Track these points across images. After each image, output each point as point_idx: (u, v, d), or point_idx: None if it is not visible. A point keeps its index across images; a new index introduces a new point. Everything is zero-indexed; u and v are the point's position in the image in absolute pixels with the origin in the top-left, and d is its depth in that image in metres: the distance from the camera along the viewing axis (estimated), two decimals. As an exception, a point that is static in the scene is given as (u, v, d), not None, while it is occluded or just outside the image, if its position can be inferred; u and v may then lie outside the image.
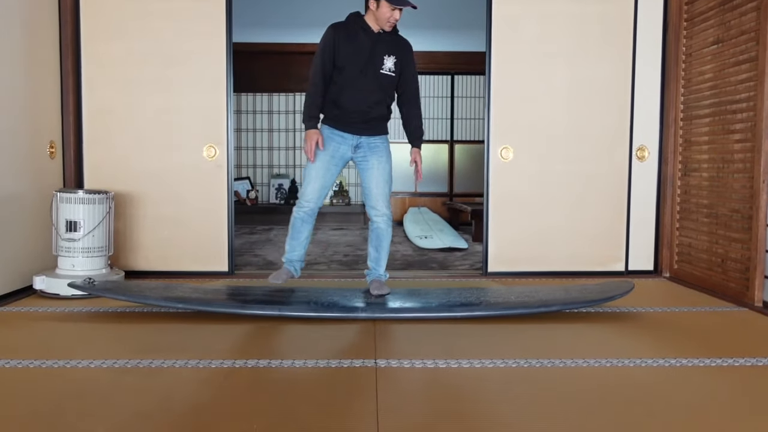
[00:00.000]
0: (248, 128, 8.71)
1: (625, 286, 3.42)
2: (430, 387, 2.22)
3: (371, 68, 3.34)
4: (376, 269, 3.56)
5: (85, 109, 4.25)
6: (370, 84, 3.35)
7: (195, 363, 2.45)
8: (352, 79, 3.33)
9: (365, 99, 3.36)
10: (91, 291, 3.33)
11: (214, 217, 4.36)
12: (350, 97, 3.35)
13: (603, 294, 3.30)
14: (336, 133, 3.42)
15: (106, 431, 1.83)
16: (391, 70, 3.38)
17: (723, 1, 3.82)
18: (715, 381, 2.30)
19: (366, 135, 3.43)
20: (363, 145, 3.44)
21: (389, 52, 3.38)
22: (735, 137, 3.70)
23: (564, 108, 4.40)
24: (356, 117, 3.38)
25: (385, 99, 3.42)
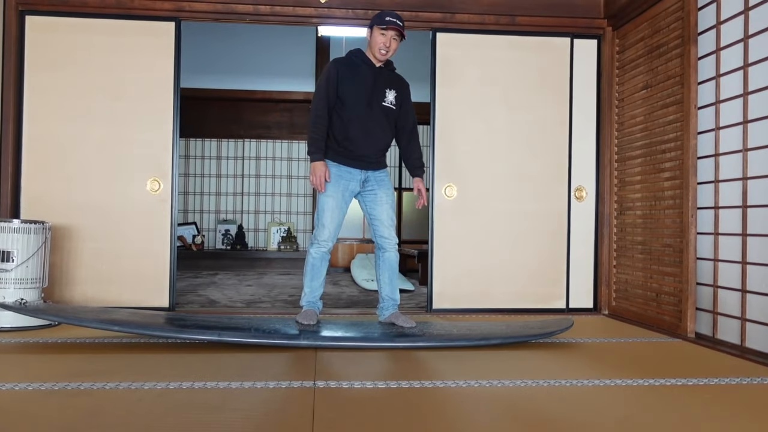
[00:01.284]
0: (196, 173, 8.66)
1: (565, 322, 3.49)
2: (367, 404, 2.20)
3: (375, 101, 3.44)
4: (394, 299, 3.57)
5: (26, 139, 4.18)
6: (377, 116, 3.45)
7: (127, 385, 2.37)
8: (359, 111, 3.41)
9: (374, 130, 3.45)
10: (22, 312, 3.20)
11: (156, 252, 4.28)
12: (359, 129, 3.41)
13: (543, 329, 3.37)
14: (344, 170, 3.46)
15: (26, 443, 1.75)
16: (392, 104, 3.50)
17: (651, 49, 4.06)
18: (646, 398, 2.35)
19: (372, 169, 3.51)
20: (371, 179, 3.51)
21: (390, 86, 3.51)
22: (665, 175, 3.88)
23: (505, 149, 4.55)
24: (366, 150, 3.45)
25: (390, 131, 3.54)
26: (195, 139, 8.60)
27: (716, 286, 3.47)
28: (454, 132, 4.51)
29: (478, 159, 4.52)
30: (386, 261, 3.56)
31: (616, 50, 4.52)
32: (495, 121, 4.55)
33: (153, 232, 4.28)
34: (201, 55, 7.68)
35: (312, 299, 3.54)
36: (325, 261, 3.53)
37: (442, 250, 4.49)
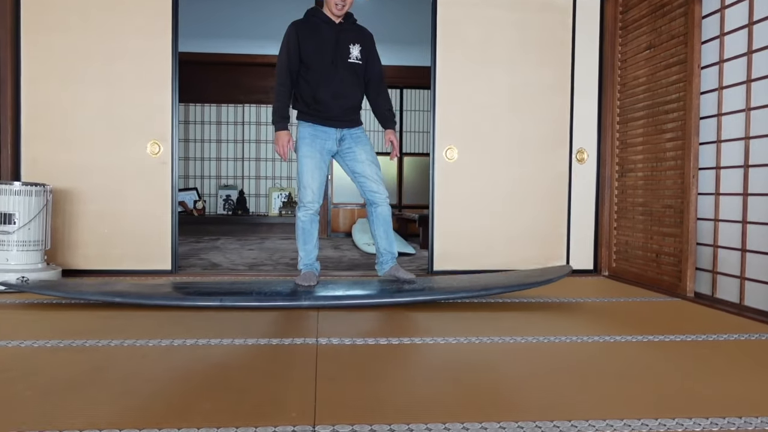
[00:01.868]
0: (196, 138, 8.63)
1: (564, 269, 3.51)
2: (368, 359, 2.23)
3: (340, 59, 3.40)
4: (392, 252, 3.60)
5: (24, 102, 4.15)
6: (343, 74, 3.40)
7: (131, 342, 2.40)
8: (325, 72, 3.37)
9: (342, 89, 3.41)
10: (24, 290, 3.22)
11: (158, 214, 4.29)
12: (327, 91, 3.38)
13: (542, 277, 3.38)
14: (319, 130, 3.44)
15: (34, 395, 1.77)
16: (358, 59, 3.45)
17: (655, 8, 4.00)
18: (646, 353, 2.37)
19: (347, 127, 3.48)
20: (346, 137, 3.48)
21: (353, 41, 3.45)
22: (667, 136, 3.86)
23: (506, 111, 4.52)
24: (336, 109, 3.41)
25: (358, 86, 3.48)
26: (195, 105, 8.55)
27: (716, 245, 3.48)
28: (455, 94, 4.48)
29: (479, 121, 4.50)
30: (379, 216, 3.55)
31: (619, 10, 4.46)
32: (496, 83, 4.51)
33: (154, 195, 4.29)
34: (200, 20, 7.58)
35: (308, 261, 3.55)
36: (314, 223, 3.51)
37: (442, 212, 4.49)
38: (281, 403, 1.73)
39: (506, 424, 1.58)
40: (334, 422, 1.59)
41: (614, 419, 1.63)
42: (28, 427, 1.52)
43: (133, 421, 1.58)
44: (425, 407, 1.71)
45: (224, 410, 1.67)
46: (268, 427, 1.55)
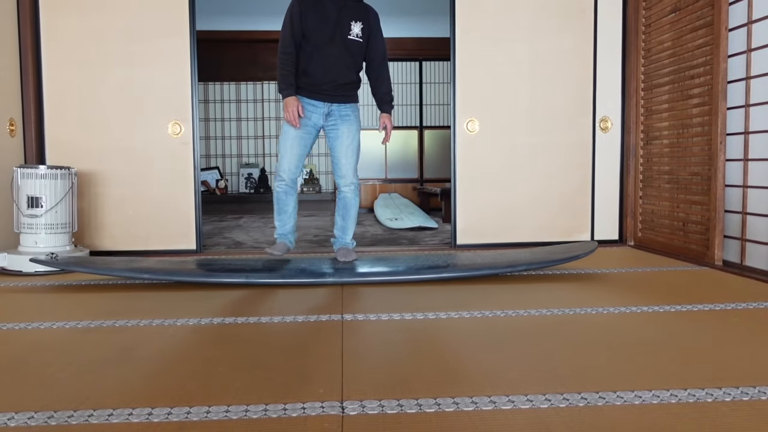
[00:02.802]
0: (216, 117, 8.65)
1: (589, 245, 3.48)
2: (393, 335, 2.23)
3: (338, 35, 3.34)
4: (343, 237, 3.58)
5: (46, 85, 4.19)
6: (339, 50, 3.35)
7: (160, 321, 2.43)
8: (321, 46, 3.33)
9: (335, 65, 3.36)
10: (54, 266, 3.28)
11: (181, 195, 4.32)
12: (319, 64, 3.34)
13: (568, 253, 3.35)
14: (307, 102, 3.42)
15: (67, 375, 1.81)
16: (358, 36, 3.39)
17: (679, -30, 3.90)
18: (673, 323, 2.35)
19: (337, 102, 3.44)
20: (334, 113, 3.44)
21: (355, 18, 3.38)
22: (693, 102, 3.78)
23: (527, 80, 4.45)
24: (326, 84, 3.38)
25: (354, 65, 3.42)
26: (214, 83, 8.56)
27: (745, 212, 3.42)
28: (475, 65, 4.42)
29: (500, 92, 4.44)
30: (342, 200, 3.54)
31: (642, -27, 4.35)
32: (517, 52, 4.44)
33: (177, 175, 4.31)
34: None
35: (282, 232, 3.56)
36: (290, 195, 3.50)
37: (465, 185, 4.47)
38: (309, 380, 1.74)
39: (533, 397, 1.58)
40: (362, 398, 1.60)
41: (642, 390, 1.62)
42: (63, 407, 1.55)
43: (165, 399, 1.60)
44: (452, 381, 1.71)
45: (253, 388, 1.68)
46: (296, 404, 1.56)
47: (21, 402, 1.59)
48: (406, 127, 8.68)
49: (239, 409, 1.53)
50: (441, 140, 8.63)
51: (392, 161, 8.65)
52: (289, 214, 3.53)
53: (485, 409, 1.52)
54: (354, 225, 3.59)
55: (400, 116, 8.69)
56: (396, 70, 8.60)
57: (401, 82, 8.63)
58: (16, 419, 1.48)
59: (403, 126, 8.69)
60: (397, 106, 8.65)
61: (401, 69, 8.62)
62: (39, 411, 1.53)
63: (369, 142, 8.60)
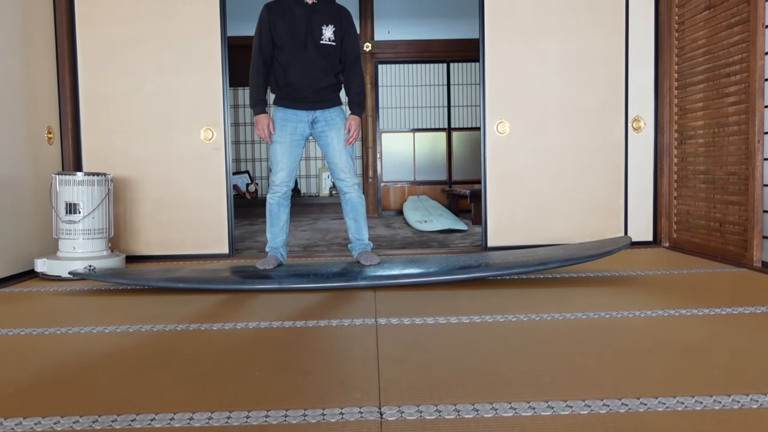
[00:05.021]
0: (246, 122, 8.73)
1: (623, 240, 3.44)
2: (428, 338, 2.23)
3: (311, 40, 3.35)
4: (360, 239, 3.60)
5: (82, 93, 4.28)
6: (313, 56, 3.36)
7: (196, 326, 2.46)
8: (295, 54, 3.35)
9: (312, 70, 3.37)
10: (92, 278, 3.33)
11: (214, 200, 4.38)
12: (296, 72, 3.36)
13: (600, 249, 3.30)
14: (290, 113, 3.44)
15: (108, 380, 1.84)
16: (331, 40, 3.39)
17: (713, -34, 3.83)
18: (714, 327, 2.31)
19: (320, 109, 3.46)
20: (320, 119, 3.46)
21: (327, 21, 3.38)
22: (729, 100, 3.71)
23: (558, 81, 4.42)
24: (306, 91, 3.39)
25: (331, 68, 3.42)
26: (244, 88, 8.63)
27: (785, 213, 3.35)
28: (505, 66, 4.40)
29: (530, 93, 4.41)
30: (348, 203, 3.55)
31: (675, -30, 4.29)
32: (547, 52, 4.40)
33: (209, 180, 4.37)
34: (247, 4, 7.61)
35: (274, 245, 3.58)
36: (282, 207, 3.53)
37: (495, 187, 4.44)
38: (346, 384, 1.75)
39: (573, 403, 1.56)
40: (400, 403, 1.60)
41: (685, 396, 1.60)
42: (106, 411, 1.58)
43: (205, 403, 1.62)
44: (489, 386, 1.70)
45: (291, 392, 1.70)
46: (334, 409, 1.57)
47: (65, 406, 1.62)
48: (435, 129, 8.66)
49: (278, 414, 1.55)
50: (469, 142, 8.60)
51: (420, 163, 8.64)
52: (281, 227, 3.57)
53: (524, 414, 1.51)
54: (366, 223, 3.62)
55: (428, 118, 8.68)
56: (424, 72, 8.59)
57: (429, 84, 8.62)
58: (62, 423, 1.51)
59: (431, 128, 8.68)
60: (425, 108, 8.64)
61: (429, 71, 8.61)
62: (84, 415, 1.56)
63: (398, 145, 8.61)
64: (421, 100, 8.63)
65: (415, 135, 8.65)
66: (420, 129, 8.65)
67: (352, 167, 3.53)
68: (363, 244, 3.60)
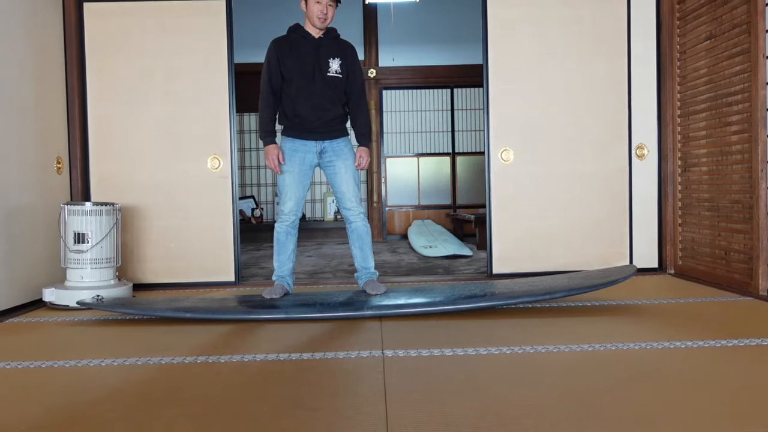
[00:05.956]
0: (252, 147, 8.79)
1: (628, 269, 3.45)
2: (435, 372, 2.24)
3: (318, 73, 3.44)
4: (366, 269, 3.62)
5: (91, 123, 4.33)
6: (321, 88, 3.44)
7: (204, 358, 2.48)
8: (303, 86, 3.43)
9: (320, 102, 3.45)
10: (100, 308, 3.35)
11: (220, 228, 4.41)
12: (305, 104, 3.44)
13: (606, 278, 3.32)
14: (298, 144, 3.50)
15: (117, 416, 1.85)
16: (338, 72, 3.48)
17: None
18: (720, 360, 2.31)
19: (328, 139, 3.52)
20: (327, 150, 3.52)
21: (333, 55, 3.48)
22: (732, 129, 3.74)
23: (562, 109, 4.46)
24: (315, 122, 3.47)
25: (338, 99, 3.51)
26: (249, 114, 8.71)
27: (789, 242, 3.36)
28: (509, 94, 4.44)
29: (534, 121, 4.45)
30: (354, 232, 3.59)
31: (675, 0, 4.34)
32: (551, 80, 4.45)
33: (216, 208, 4.40)
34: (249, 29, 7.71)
35: (281, 274, 3.61)
36: (290, 236, 3.57)
37: (500, 214, 4.47)
38: (354, 423, 1.76)
39: (581, 442, 1.57)
40: (408, 441, 1.60)
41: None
42: (116, 450, 1.59)
43: (213, 442, 1.63)
44: (498, 425, 1.71)
45: (299, 430, 1.71)
46: (343, 448, 1.58)
47: (76, 445, 1.64)
48: (439, 153, 8.71)
49: (287, 453, 1.56)
50: (473, 166, 8.64)
51: (425, 187, 8.68)
52: (288, 256, 3.60)
53: (532, 454, 1.51)
54: (372, 252, 3.65)
55: (432, 143, 8.73)
56: (428, 98, 8.66)
57: (433, 109, 8.69)
58: (72, 463, 1.53)
59: (435, 152, 8.73)
60: (429, 133, 8.70)
61: (433, 96, 8.68)
62: (94, 454, 1.57)
63: (402, 170, 8.66)
64: (426, 125, 8.70)
65: (420, 160, 8.70)
66: (424, 154, 8.70)
67: (359, 197, 3.58)
68: (369, 272, 3.62)
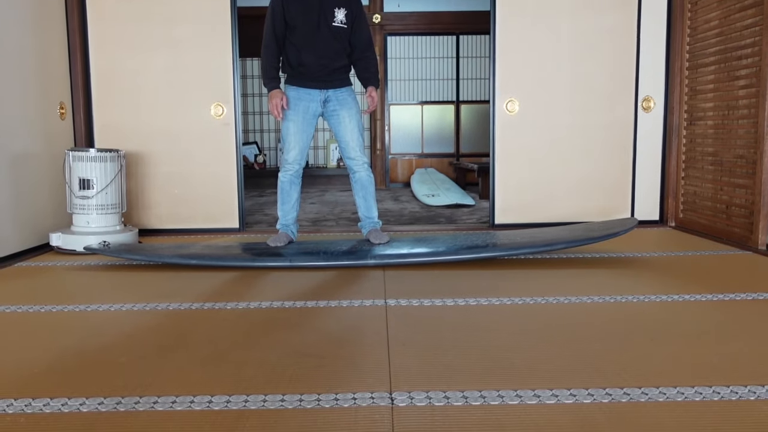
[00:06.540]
0: (255, 93, 8.72)
1: (629, 222, 3.49)
2: (437, 321, 2.29)
3: (324, 22, 3.41)
4: (370, 218, 3.66)
5: (93, 68, 4.30)
6: (326, 37, 3.41)
7: (210, 305, 2.53)
8: (308, 35, 3.40)
9: (325, 51, 3.43)
10: (106, 253, 3.40)
11: (224, 175, 4.42)
12: (310, 53, 3.41)
13: (607, 230, 3.35)
14: (303, 92, 3.49)
15: (128, 361, 1.91)
16: (342, 22, 3.45)
17: (729, -54, 3.79)
18: (716, 313, 2.36)
19: (332, 88, 3.51)
20: (332, 98, 3.51)
21: (338, 5, 3.44)
22: (740, 83, 3.71)
23: (569, 60, 4.41)
24: (320, 71, 3.45)
25: (343, 49, 3.49)
26: (252, 59, 8.60)
27: (791, 197, 3.37)
28: (516, 43, 4.39)
29: (540, 71, 4.41)
30: (358, 182, 3.61)
31: (690, -52, 4.24)
32: (558, 30, 4.39)
33: (219, 155, 4.41)
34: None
35: (285, 222, 3.65)
36: (294, 185, 3.59)
37: (504, 165, 4.47)
38: (357, 369, 1.82)
39: (576, 392, 1.62)
40: (410, 389, 1.66)
41: (685, 386, 1.65)
42: (129, 393, 1.65)
43: (223, 386, 1.69)
44: (496, 373, 1.77)
45: (305, 376, 1.76)
46: (347, 394, 1.64)
47: (89, 387, 1.69)
48: (443, 101, 8.64)
49: (294, 398, 1.61)
50: (477, 115, 8.58)
51: (428, 136, 8.65)
52: (292, 205, 3.63)
53: (530, 403, 1.57)
54: (375, 202, 3.68)
55: (436, 91, 8.65)
56: (433, 45, 8.54)
57: (438, 56, 8.57)
58: (88, 404, 1.59)
59: (439, 101, 8.65)
60: (434, 81, 8.61)
61: (438, 43, 8.55)
62: (108, 397, 1.63)
63: (406, 117, 8.60)
64: (430, 72, 8.60)
65: (424, 108, 8.64)
66: (428, 102, 8.64)
67: (362, 146, 3.58)
68: (372, 222, 3.65)
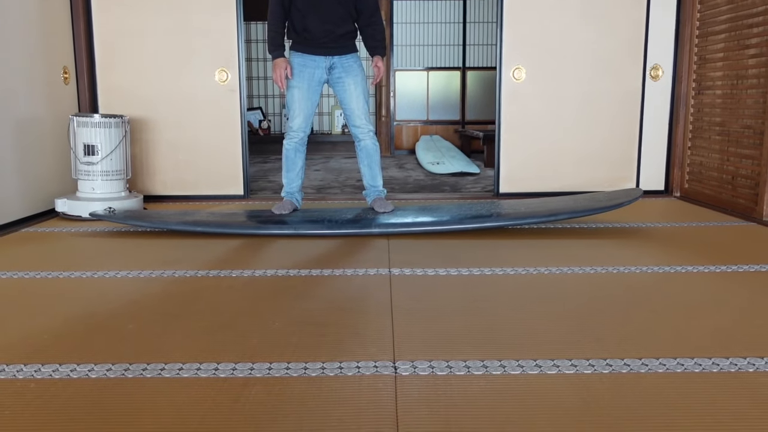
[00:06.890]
0: (260, 57, 8.65)
1: (634, 192, 3.48)
2: (440, 291, 2.31)
3: None
4: (375, 186, 3.65)
5: (96, 33, 4.26)
6: (331, 2, 3.38)
7: (216, 273, 2.55)
8: (313, 1, 3.36)
9: (330, 17, 3.39)
10: (112, 220, 3.42)
11: (229, 141, 4.41)
12: (315, 19, 3.38)
13: (612, 201, 3.35)
14: (307, 59, 3.46)
15: (136, 328, 1.94)
16: None
17: None
18: (718, 285, 2.37)
19: (338, 54, 3.48)
20: (337, 65, 3.49)
21: None
22: (750, 52, 3.66)
23: (577, 27, 4.35)
24: (325, 38, 3.42)
25: (348, 14, 3.45)
26: (256, 23, 8.52)
27: (798, 169, 3.36)
28: (524, 10, 4.32)
29: (548, 38, 4.35)
30: (363, 150, 3.59)
31: None
32: (567, -4, 4.32)
33: (224, 121, 4.39)
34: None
35: (290, 190, 3.65)
36: (299, 152, 3.59)
37: (509, 134, 4.45)
38: (361, 338, 1.84)
39: (577, 362, 1.64)
40: (413, 358, 1.68)
41: (685, 357, 1.67)
42: (136, 360, 1.68)
43: (229, 354, 1.71)
44: (498, 342, 1.79)
45: (309, 344, 1.79)
46: (351, 362, 1.66)
47: (98, 354, 1.72)
48: (449, 67, 8.56)
49: (298, 366, 1.64)
50: (484, 82, 8.51)
51: (434, 102, 8.59)
52: (297, 173, 3.63)
53: (531, 373, 1.59)
54: (380, 170, 3.67)
55: (442, 56, 8.56)
56: (439, 9, 8.42)
57: (444, 21, 8.47)
58: (96, 371, 1.61)
59: (445, 66, 8.57)
60: (440, 47, 8.52)
61: (444, 7, 8.44)
62: (116, 363, 1.66)
63: (411, 83, 8.53)
64: (437, 38, 8.50)
65: (429, 74, 8.56)
66: (434, 68, 8.56)
67: (367, 114, 3.56)
68: (377, 190, 3.65)
